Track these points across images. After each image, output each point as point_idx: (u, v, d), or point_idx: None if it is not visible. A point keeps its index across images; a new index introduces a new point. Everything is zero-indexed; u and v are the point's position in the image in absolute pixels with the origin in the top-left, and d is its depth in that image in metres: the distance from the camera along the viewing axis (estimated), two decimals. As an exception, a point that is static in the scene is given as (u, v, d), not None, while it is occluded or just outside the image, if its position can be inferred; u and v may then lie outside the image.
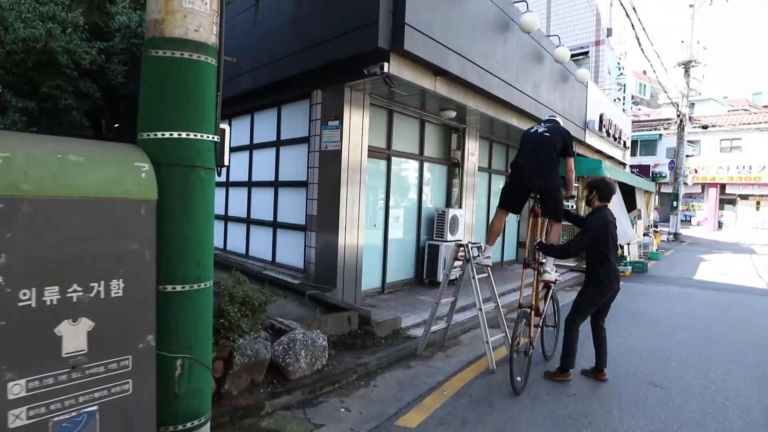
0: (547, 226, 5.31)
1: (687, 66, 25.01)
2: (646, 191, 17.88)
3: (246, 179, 9.44)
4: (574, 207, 12.98)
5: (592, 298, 4.95)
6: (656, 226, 21.65)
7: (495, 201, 9.53)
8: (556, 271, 5.20)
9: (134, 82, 11.79)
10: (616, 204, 13.84)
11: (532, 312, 5.09)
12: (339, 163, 6.93)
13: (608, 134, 14.43)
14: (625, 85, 20.70)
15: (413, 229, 9.12)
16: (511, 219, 12.61)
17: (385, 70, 5.97)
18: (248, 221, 9.35)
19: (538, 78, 9.74)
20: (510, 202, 5.31)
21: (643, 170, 30.14)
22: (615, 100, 18.69)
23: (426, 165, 9.38)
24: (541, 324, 5.39)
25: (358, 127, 7.14)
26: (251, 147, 9.30)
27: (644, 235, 17.14)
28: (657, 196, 26.22)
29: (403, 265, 8.95)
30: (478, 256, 5.41)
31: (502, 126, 9.88)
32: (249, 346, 4.19)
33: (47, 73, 9.44)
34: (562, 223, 5.48)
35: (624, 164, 18.44)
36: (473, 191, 10.25)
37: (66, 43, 9.49)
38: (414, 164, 9.12)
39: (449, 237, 9.17)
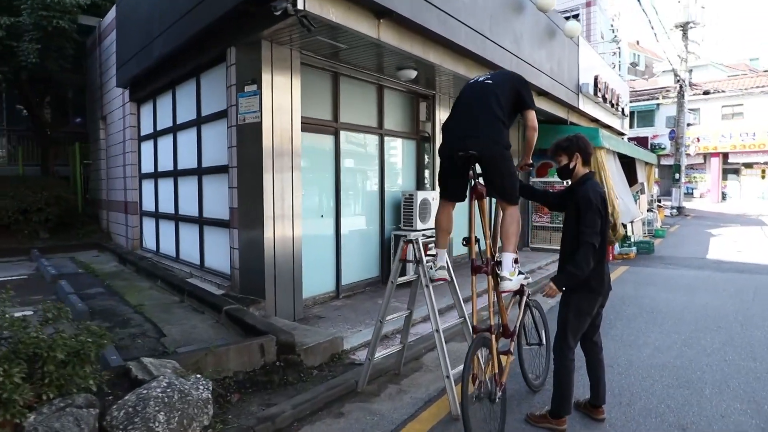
0: (496, 214, 3.66)
1: (685, 28, 23.30)
2: (647, 163, 16.29)
3: (172, 168, 7.86)
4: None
5: (581, 308, 3.41)
6: (659, 201, 20.12)
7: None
8: (521, 273, 3.57)
9: (53, 62, 10.17)
10: (616, 178, 12.30)
11: (495, 335, 3.47)
12: (260, 140, 5.35)
13: (605, 99, 12.82)
14: (620, 49, 18.98)
15: (375, 218, 7.56)
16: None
17: (299, 6, 4.37)
18: (176, 218, 7.79)
19: (518, 30, 8.12)
20: (447, 185, 3.64)
21: (641, 142, 28.34)
22: (611, 66, 17.03)
23: (388, 140, 7.79)
24: (513, 345, 3.85)
25: (284, 93, 5.55)
26: (174, 129, 7.71)
27: (648, 210, 15.61)
28: (657, 169, 24.64)
29: (365, 262, 7.40)
30: (430, 265, 3.83)
31: (478, 90, 8.26)
32: (44, 426, 2.64)
33: None
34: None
35: (623, 134, 16.84)
36: (448, 170, 8.65)
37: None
38: (372, 140, 7.53)
39: (419, 225, 7.61)
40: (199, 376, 3.46)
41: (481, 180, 3.46)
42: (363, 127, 7.29)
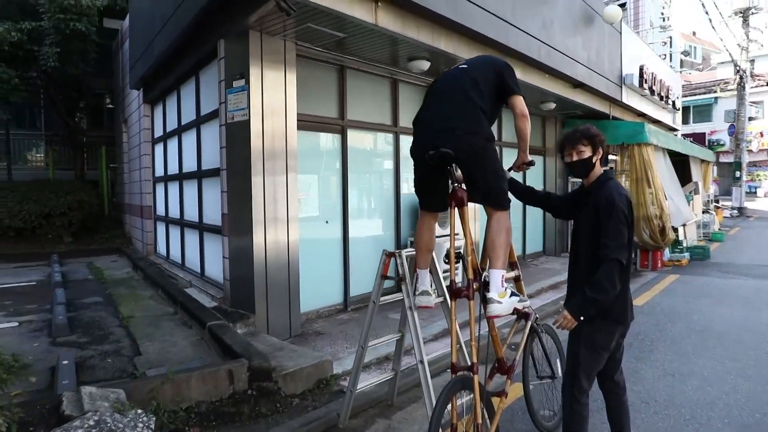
0: (487, 224, 2.98)
1: (746, 14, 21.52)
2: (702, 161, 14.97)
3: (177, 171, 7.54)
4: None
5: (596, 342, 2.70)
6: (717, 201, 18.58)
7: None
8: (514, 294, 2.90)
9: (73, 66, 10.12)
10: (666, 177, 11.24)
11: (479, 375, 2.77)
12: (248, 140, 4.88)
13: (652, 91, 11.74)
14: (671, 38, 17.59)
15: (390, 223, 6.96)
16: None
17: (276, -14, 3.86)
18: (182, 223, 7.46)
19: (548, 15, 7.35)
20: (423, 192, 3.04)
21: (697, 139, 26.48)
22: (661, 57, 15.78)
23: (404, 139, 7.18)
24: (510, 383, 3.16)
25: (277, 88, 5.06)
26: (179, 130, 7.38)
27: (703, 212, 14.31)
28: (715, 167, 22.84)
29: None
30: (418, 293, 3.22)
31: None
32: None
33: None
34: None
35: (674, 129, 15.55)
36: (473, 170, 7.96)
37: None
38: (386, 138, 6.96)
39: (439, 230, 6.96)
40: (140, 411, 2.98)
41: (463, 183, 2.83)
42: (375, 124, 6.72)
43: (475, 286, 2.88)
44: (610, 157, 11.18)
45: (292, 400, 3.92)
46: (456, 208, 2.84)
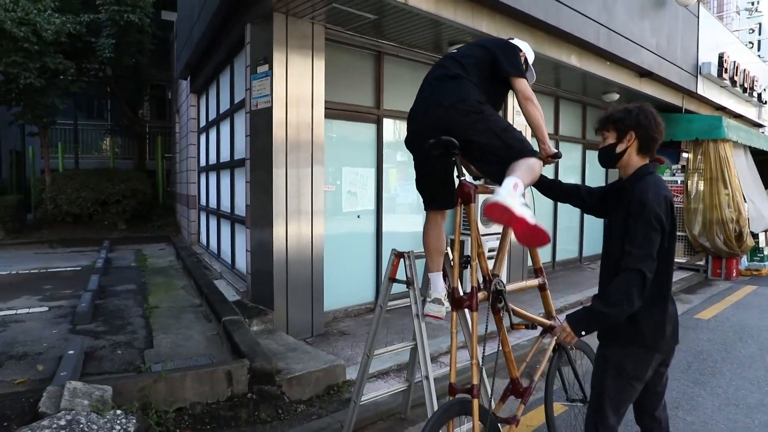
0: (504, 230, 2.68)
1: None
2: (793, 160, 13.43)
3: (215, 161, 7.49)
4: (685, 184, 9.49)
5: (624, 370, 2.19)
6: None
7: (562, 178, 6.89)
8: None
9: (129, 57, 10.37)
10: (747, 177, 10.11)
11: (484, 398, 2.35)
12: (270, 128, 4.65)
13: (733, 83, 10.57)
14: (760, 25, 15.91)
15: (427, 219, 6.57)
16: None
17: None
18: (218, 214, 7.40)
19: (609, -5, 6.66)
20: (425, 188, 2.75)
21: (789, 137, 24.10)
22: (747, 45, 14.29)
23: (446, 131, 6.75)
24: (523, 408, 2.73)
25: (303, 75, 4.79)
26: (218, 119, 7.31)
27: (791, 218, 12.84)
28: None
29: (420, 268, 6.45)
30: (428, 299, 2.88)
31: (560, 70, 6.94)
32: None
33: (2, 48, 8.11)
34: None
35: (760, 126, 14.08)
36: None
37: (25, 14, 8.05)
38: (425, 130, 6.55)
39: (481, 230, 6.53)
40: (120, 412, 2.80)
41: (467, 176, 2.46)
42: (413, 114, 6.33)
43: (481, 296, 2.49)
44: (683, 154, 10.21)
45: (296, 407, 3.64)
46: (462, 205, 2.47)
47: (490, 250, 6.22)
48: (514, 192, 2.13)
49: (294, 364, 3.89)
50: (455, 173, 2.58)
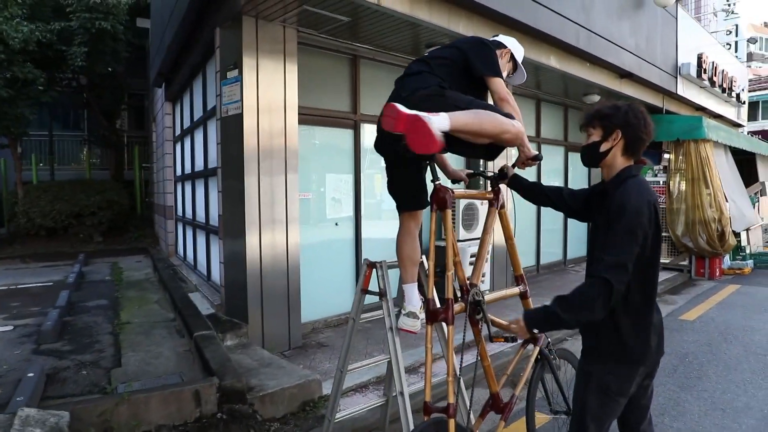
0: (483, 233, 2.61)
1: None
2: (771, 159, 13.56)
3: (190, 170, 7.29)
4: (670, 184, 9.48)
5: (608, 387, 2.05)
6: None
7: (545, 182, 6.87)
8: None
9: (102, 64, 10.13)
10: (728, 177, 10.13)
11: (484, 409, 2.23)
12: (241, 135, 4.48)
13: (712, 83, 10.62)
14: (737, 26, 16.10)
15: (409, 225, 6.43)
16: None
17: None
18: (193, 224, 7.21)
19: (587, -4, 6.61)
20: (395, 189, 2.63)
21: (766, 136, 24.43)
22: (725, 46, 14.44)
23: (426, 135, 6.63)
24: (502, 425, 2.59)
25: (275, 80, 4.64)
26: (192, 127, 7.12)
27: (772, 216, 12.96)
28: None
29: (393, 278, 6.30)
30: (402, 311, 2.74)
31: (540, 71, 6.86)
32: None
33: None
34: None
35: (739, 125, 14.20)
36: (504, 169, 7.30)
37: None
38: (404, 134, 6.42)
39: (463, 234, 6.44)
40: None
41: (442, 178, 2.35)
42: (392, 119, 6.20)
43: (457, 307, 2.36)
44: (664, 155, 10.22)
45: (270, 425, 3.47)
46: (437, 211, 2.35)
47: (472, 256, 6.10)
48: (428, 115, 2.03)
49: (267, 381, 3.72)
50: (429, 176, 2.46)
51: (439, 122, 2.03)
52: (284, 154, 4.72)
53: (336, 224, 5.69)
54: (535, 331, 2.06)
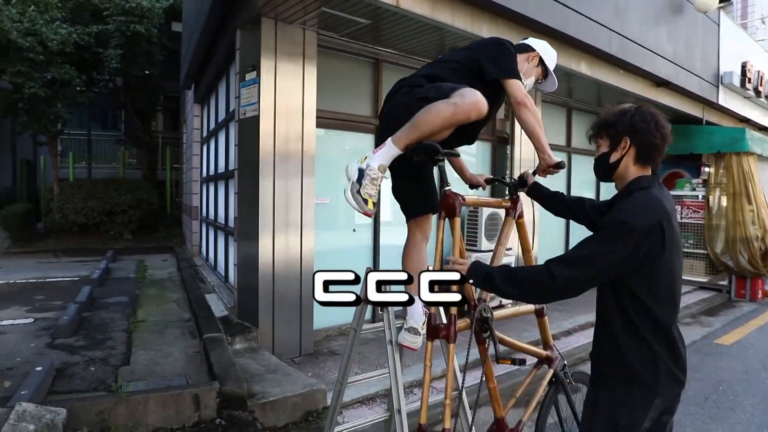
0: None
1: None
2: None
3: (213, 171, 7.34)
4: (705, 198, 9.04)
5: (617, 421, 1.81)
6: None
7: (575, 192, 6.62)
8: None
9: (137, 67, 10.37)
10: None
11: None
12: (257, 137, 4.45)
13: (758, 93, 10.10)
14: (787, 34, 15.38)
15: (431, 234, 6.29)
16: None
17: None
18: (215, 225, 7.24)
19: (621, 1, 6.36)
20: (400, 194, 2.58)
21: (819, 150, 23.21)
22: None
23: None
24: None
25: (293, 83, 4.59)
26: (216, 129, 7.17)
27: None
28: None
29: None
30: (405, 327, 2.60)
31: (570, 78, 6.64)
32: None
33: (7, 58, 8.12)
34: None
35: (787, 139, 13.48)
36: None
37: (32, 25, 8.06)
38: (427, 141, 6.30)
39: (485, 245, 6.24)
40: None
41: (458, 183, 2.23)
42: (415, 124, 6.09)
43: (462, 324, 2.22)
44: (704, 168, 9.77)
45: (269, 435, 3.39)
46: (445, 218, 2.23)
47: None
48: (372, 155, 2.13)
49: (271, 388, 3.64)
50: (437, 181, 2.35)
51: (379, 159, 2.12)
52: (301, 157, 4.66)
53: (354, 230, 5.60)
54: (471, 281, 1.91)
